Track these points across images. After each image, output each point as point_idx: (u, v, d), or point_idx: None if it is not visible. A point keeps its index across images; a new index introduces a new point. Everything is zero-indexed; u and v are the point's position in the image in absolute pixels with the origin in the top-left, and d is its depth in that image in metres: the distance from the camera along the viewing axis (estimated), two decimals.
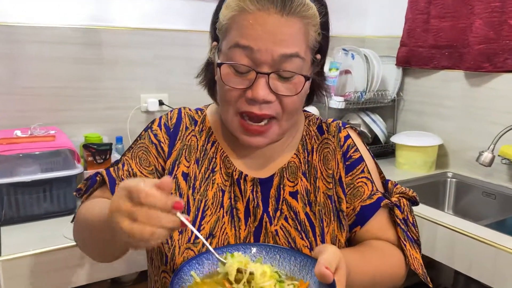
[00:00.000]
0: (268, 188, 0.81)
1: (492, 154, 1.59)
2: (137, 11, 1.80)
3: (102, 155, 1.50)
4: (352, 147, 0.86)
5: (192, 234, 0.75)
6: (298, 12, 0.70)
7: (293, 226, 0.78)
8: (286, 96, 0.72)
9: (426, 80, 2.08)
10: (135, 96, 1.82)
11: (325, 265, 0.58)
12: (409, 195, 0.86)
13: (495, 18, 1.71)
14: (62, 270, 1.21)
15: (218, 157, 0.82)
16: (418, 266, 0.80)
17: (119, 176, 0.79)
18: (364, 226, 0.82)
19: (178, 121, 0.84)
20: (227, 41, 0.72)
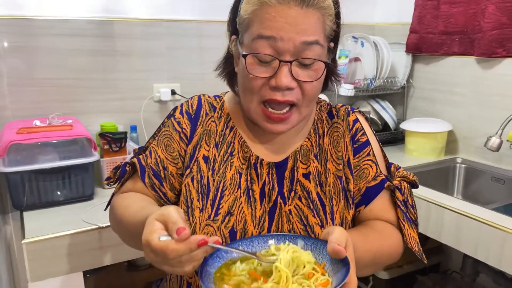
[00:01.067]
0: (283, 171, 0.86)
1: (500, 139, 1.60)
2: (149, 3, 1.84)
3: (117, 143, 1.55)
4: (360, 130, 0.90)
5: (211, 212, 0.80)
6: (315, 4, 0.74)
7: (306, 205, 0.83)
8: (307, 82, 0.77)
9: (436, 67, 2.09)
10: (148, 86, 1.86)
11: (336, 243, 0.63)
12: (410, 178, 0.91)
13: (509, 3, 1.70)
14: (82, 252, 1.27)
15: (236, 142, 0.87)
16: (414, 244, 0.85)
17: (148, 165, 0.86)
18: (368, 206, 0.87)
19: (199, 108, 0.89)
20: (249, 34, 0.77)
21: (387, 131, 2.19)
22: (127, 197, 0.83)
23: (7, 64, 1.59)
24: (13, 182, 1.34)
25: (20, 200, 1.36)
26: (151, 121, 1.87)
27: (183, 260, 0.60)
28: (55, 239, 1.23)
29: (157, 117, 1.91)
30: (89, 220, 1.30)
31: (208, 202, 0.82)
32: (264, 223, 0.82)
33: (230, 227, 0.80)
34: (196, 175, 0.85)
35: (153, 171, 0.86)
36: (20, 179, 1.35)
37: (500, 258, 1.27)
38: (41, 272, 1.22)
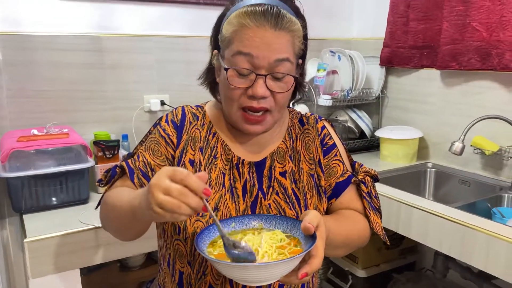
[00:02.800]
0: (262, 170, 0.98)
1: (462, 144, 1.75)
2: (139, 19, 1.96)
3: (110, 151, 1.65)
4: (327, 135, 1.05)
5: None
6: (287, 28, 0.87)
7: (283, 199, 0.96)
8: (279, 93, 0.90)
9: (407, 79, 2.25)
10: (138, 97, 1.98)
11: (308, 221, 0.75)
12: (372, 173, 1.06)
13: (460, 21, 1.88)
14: (79, 250, 1.37)
15: (219, 145, 0.98)
16: (379, 229, 1.00)
17: (137, 167, 0.94)
18: (338, 198, 1.01)
19: (183, 117, 0.99)
20: (230, 49, 0.88)
21: (364, 139, 2.34)
22: (118, 189, 0.90)
23: (6, 77, 1.69)
24: (13, 187, 1.44)
25: (20, 203, 1.46)
26: (141, 130, 1.98)
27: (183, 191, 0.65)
28: (54, 238, 1.32)
29: (147, 126, 2.01)
30: (85, 221, 1.40)
31: None
32: None
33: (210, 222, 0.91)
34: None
35: (141, 172, 0.93)
36: (20, 184, 1.44)
37: (461, 250, 1.41)
38: (41, 269, 1.31)
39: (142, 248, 1.49)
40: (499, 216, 1.61)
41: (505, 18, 1.72)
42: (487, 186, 1.87)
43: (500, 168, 1.89)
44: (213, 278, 0.90)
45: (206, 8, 2.10)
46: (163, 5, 2.00)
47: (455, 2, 1.89)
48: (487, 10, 1.79)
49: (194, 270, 0.91)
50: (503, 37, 1.73)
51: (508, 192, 1.77)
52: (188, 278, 0.92)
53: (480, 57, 1.83)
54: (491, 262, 1.32)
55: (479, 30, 1.81)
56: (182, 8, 2.05)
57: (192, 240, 0.89)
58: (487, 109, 1.87)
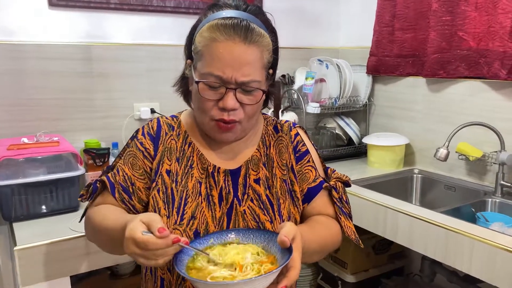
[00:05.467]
0: (237, 177, 1.00)
1: (447, 150, 1.79)
2: (129, 28, 1.98)
3: (101, 159, 1.67)
4: (300, 142, 1.07)
5: (177, 217, 0.94)
6: (256, 42, 0.90)
7: (257, 206, 0.98)
8: (248, 104, 0.93)
9: (394, 86, 2.30)
10: (129, 106, 2.00)
11: (284, 235, 0.77)
12: (343, 179, 1.09)
13: (447, 31, 1.93)
14: (69, 258, 1.37)
15: (195, 155, 1.00)
16: (351, 233, 1.03)
17: (117, 181, 0.97)
18: (310, 203, 1.04)
19: (159, 129, 1.02)
20: (201, 65, 0.91)
21: (352, 145, 2.38)
22: (102, 209, 0.94)
23: None
24: (3, 195, 1.44)
25: (10, 211, 1.46)
26: None
27: (158, 254, 0.74)
28: (44, 246, 1.33)
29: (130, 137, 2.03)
30: (76, 228, 1.41)
31: (174, 209, 0.93)
32: (223, 222, 0.96)
33: (194, 229, 0.93)
34: (161, 187, 0.96)
35: (122, 187, 0.96)
36: (10, 192, 1.45)
37: (446, 254, 1.44)
38: (31, 277, 1.31)
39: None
40: (483, 220, 1.65)
41: (493, 29, 1.78)
42: (472, 191, 1.91)
43: (484, 174, 1.94)
44: (191, 285, 0.92)
45: (196, 18, 2.12)
46: (153, 14, 2.03)
47: (441, 13, 1.94)
48: (474, 20, 1.85)
49: (174, 276, 0.95)
50: (491, 47, 1.79)
51: (491, 197, 1.81)
52: (168, 284, 0.95)
53: (468, 65, 1.88)
54: (475, 266, 1.35)
55: (466, 39, 1.87)
56: (171, 17, 2.08)
57: None
58: (470, 116, 1.92)
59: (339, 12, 2.62)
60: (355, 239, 1.03)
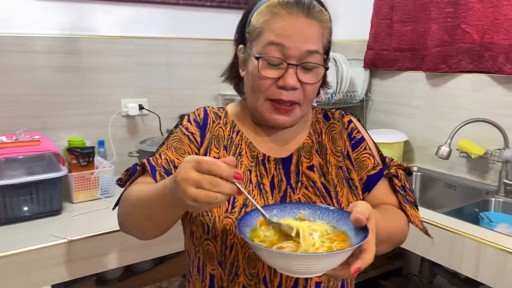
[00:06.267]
0: (289, 166, 0.95)
1: (449, 147, 1.73)
2: (118, 20, 1.89)
3: (85, 158, 1.57)
4: (354, 129, 1.01)
5: (228, 206, 0.88)
6: (318, 17, 0.87)
7: (313, 193, 0.92)
8: (309, 84, 0.88)
9: (392, 81, 2.22)
10: (115, 102, 1.90)
11: (358, 212, 0.70)
12: (404, 166, 1.02)
13: (449, 23, 1.86)
14: (51, 266, 1.28)
15: (243, 143, 0.96)
16: (418, 222, 0.95)
17: (159, 164, 0.90)
18: (371, 192, 0.96)
19: (206, 116, 0.98)
20: (261, 40, 0.87)
21: None
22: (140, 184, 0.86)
23: None
24: None
25: None
26: (119, 136, 1.90)
27: (215, 182, 0.64)
28: (24, 253, 1.24)
29: (125, 131, 1.94)
30: (58, 234, 1.32)
31: None
32: None
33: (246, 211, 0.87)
34: None
35: (164, 169, 0.89)
36: None
37: (450, 257, 1.37)
38: (11, 286, 1.23)
39: (119, 261, 1.41)
40: (486, 221, 1.58)
41: (498, 21, 1.71)
42: (474, 190, 1.85)
43: (486, 172, 1.87)
44: (246, 279, 0.86)
45: (186, 9, 2.03)
46: (143, 5, 1.94)
47: (443, 4, 1.87)
48: (478, 12, 1.77)
49: (225, 271, 0.88)
50: (496, 40, 1.72)
51: (494, 196, 1.75)
52: (219, 281, 0.89)
53: (471, 59, 1.82)
54: (482, 271, 1.29)
55: (469, 32, 1.80)
56: (161, 8, 1.98)
57: (222, 238, 0.86)
58: (471, 112, 1.85)
59: (336, 5, 2.51)
60: (423, 229, 0.96)
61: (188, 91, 2.11)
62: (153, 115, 1.98)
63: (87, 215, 1.50)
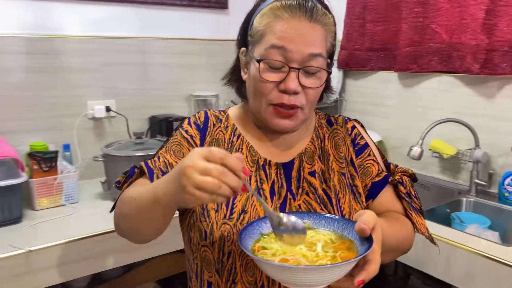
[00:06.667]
0: (290, 171, 0.94)
1: (420, 148, 1.72)
2: (82, 19, 1.82)
3: (47, 163, 1.51)
4: (358, 135, 1.00)
5: (227, 211, 0.87)
6: (321, 21, 0.85)
7: (314, 199, 0.91)
8: (311, 88, 0.86)
9: (365, 81, 2.21)
10: (81, 103, 1.84)
11: (363, 222, 0.68)
12: (409, 173, 1.00)
13: (419, 23, 1.86)
14: (9, 278, 1.22)
15: (244, 147, 0.95)
16: (424, 230, 0.93)
17: (157, 167, 0.89)
18: (376, 199, 0.95)
19: (206, 120, 0.97)
20: (263, 43, 0.86)
21: None
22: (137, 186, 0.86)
23: None
24: None
25: None
26: (85, 139, 1.84)
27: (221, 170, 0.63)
28: None
29: (92, 134, 1.88)
30: (17, 244, 1.26)
31: (222, 203, 0.87)
32: None
33: (245, 223, 0.85)
34: None
35: (162, 172, 0.88)
36: None
37: (422, 260, 1.36)
38: None
39: (85, 270, 1.36)
40: (458, 221, 1.58)
41: (465, 21, 1.70)
42: (446, 190, 1.85)
43: (458, 172, 1.88)
44: (244, 287, 0.85)
45: (156, 8, 1.98)
46: (109, 4, 1.87)
47: (413, 4, 1.86)
48: (446, 12, 1.77)
49: (223, 278, 0.86)
50: (464, 40, 1.72)
51: (466, 196, 1.76)
52: None
53: (440, 59, 1.81)
54: (452, 273, 1.28)
55: (438, 32, 1.79)
56: (129, 8, 1.93)
57: (219, 245, 0.85)
58: (444, 112, 1.85)
59: None
60: (429, 237, 0.94)
61: (159, 92, 2.06)
62: (121, 117, 1.92)
63: (50, 223, 1.44)
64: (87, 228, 1.39)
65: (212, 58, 2.10)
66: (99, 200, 1.66)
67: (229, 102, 2.20)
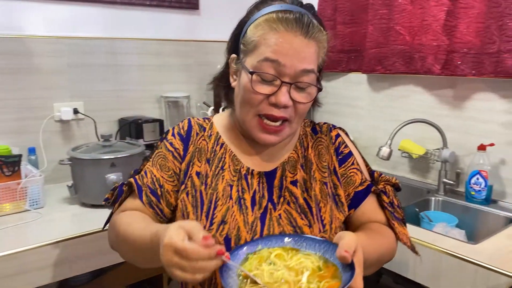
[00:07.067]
0: (272, 179, 0.95)
1: (389, 148, 1.74)
2: (47, 19, 1.78)
3: (10, 167, 1.46)
4: (342, 143, 1.01)
5: (206, 222, 0.88)
6: (316, 37, 0.86)
7: (294, 209, 0.91)
8: (301, 103, 0.87)
9: (337, 83, 2.23)
10: (47, 106, 1.79)
11: (344, 249, 0.68)
12: (393, 182, 1.01)
13: (384, 25, 1.88)
14: None
15: (227, 156, 0.95)
16: (407, 240, 0.95)
17: (145, 184, 0.92)
18: (359, 208, 0.96)
19: (189, 129, 0.98)
20: (256, 54, 0.86)
21: None
22: (128, 215, 0.88)
23: None
24: None
25: None
26: (51, 142, 1.79)
27: (198, 266, 0.65)
28: None
29: (59, 137, 1.83)
30: None
31: (202, 214, 0.89)
32: (256, 228, 0.88)
33: (224, 234, 0.86)
34: (190, 190, 0.92)
35: (150, 189, 0.91)
36: None
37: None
38: None
39: (51, 277, 1.32)
40: (427, 220, 1.61)
41: (426, 22, 1.73)
42: (416, 189, 1.88)
43: (427, 171, 1.91)
44: None
45: (124, 9, 1.95)
46: (75, 4, 1.83)
47: (378, 6, 1.88)
48: (409, 14, 1.80)
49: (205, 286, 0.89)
50: (425, 41, 1.74)
51: (435, 195, 1.78)
52: None
53: (404, 61, 1.84)
54: (420, 272, 1.30)
55: (402, 34, 1.82)
56: (96, 8, 1.89)
57: None
58: (413, 112, 1.88)
59: None
60: (411, 247, 0.95)
61: (129, 93, 2.02)
62: (90, 119, 1.88)
63: (13, 229, 1.39)
64: (53, 233, 1.35)
65: (183, 59, 2.09)
66: (66, 205, 1.62)
67: (201, 104, 2.18)
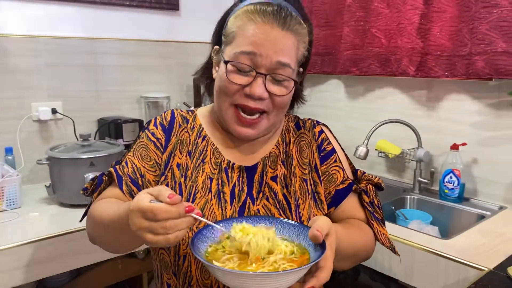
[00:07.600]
0: (253, 174, 0.94)
1: (366, 148, 1.78)
2: (24, 18, 1.76)
3: None
4: (325, 140, 0.99)
5: None
6: (294, 30, 0.85)
7: (273, 205, 0.91)
8: (277, 96, 0.86)
9: (314, 85, 2.27)
10: (25, 105, 1.77)
11: (316, 229, 0.69)
12: (375, 181, 0.99)
13: (360, 27, 1.92)
14: None
15: (209, 149, 0.95)
16: (385, 240, 0.94)
17: (125, 173, 0.90)
18: (339, 207, 0.95)
19: (172, 120, 0.97)
20: (233, 45, 0.86)
21: None
22: (103, 203, 0.86)
23: None
24: None
25: None
26: (29, 142, 1.77)
27: (168, 226, 0.63)
28: None
29: (37, 137, 1.81)
30: None
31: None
32: None
33: (201, 227, 0.85)
34: (170, 181, 0.91)
35: (130, 179, 0.90)
36: None
37: None
38: None
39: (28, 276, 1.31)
40: (402, 218, 1.65)
41: (402, 25, 1.77)
42: (392, 188, 1.92)
43: (403, 171, 1.96)
44: None
45: (104, 9, 1.94)
46: (52, 3, 1.82)
47: (355, 8, 1.92)
48: (386, 17, 1.84)
49: (179, 281, 0.88)
50: (400, 43, 1.79)
51: (410, 193, 1.83)
52: None
53: (380, 63, 1.88)
54: (395, 267, 1.33)
55: (378, 37, 1.86)
56: (74, 7, 1.88)
57: (175, 248, 0.86)
58: (389, 113, 1.93)
59: None
60: (390, 247, 0.94)
61: (108, 94, 2.02)
62: (68, 119, 1.87)
63: None
64: (30, 233, 1.34)
65: (163, 60, 2.09)
66: (44, 205, 1.60)
67: (181, 104, 2.18)
